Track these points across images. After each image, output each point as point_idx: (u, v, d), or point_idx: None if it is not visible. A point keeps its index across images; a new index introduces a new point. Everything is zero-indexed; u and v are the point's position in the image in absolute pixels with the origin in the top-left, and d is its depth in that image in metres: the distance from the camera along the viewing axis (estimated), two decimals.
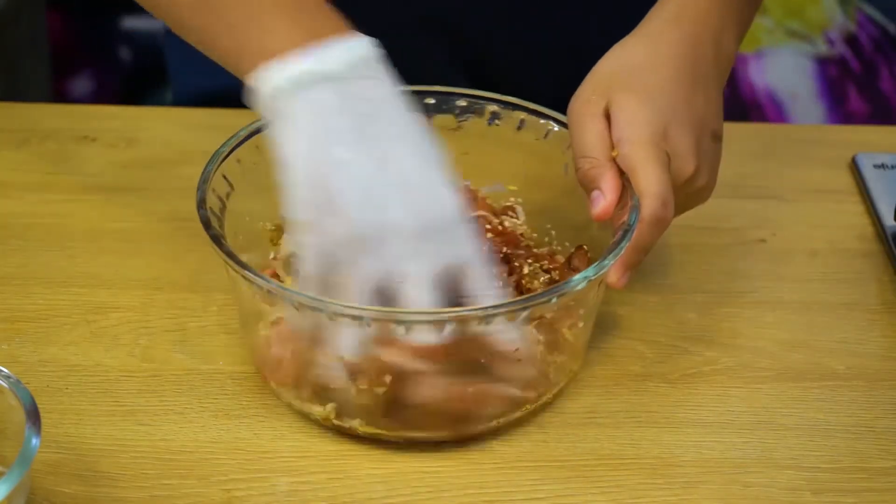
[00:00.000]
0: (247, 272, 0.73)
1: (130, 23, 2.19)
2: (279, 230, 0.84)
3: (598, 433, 0.78)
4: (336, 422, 0.76)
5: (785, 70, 2.14)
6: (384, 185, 0.72)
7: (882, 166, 1.01)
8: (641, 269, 0.90)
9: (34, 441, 0.66)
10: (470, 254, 0.73)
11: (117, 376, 0.81)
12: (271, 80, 0.73)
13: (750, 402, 0.81)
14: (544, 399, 0.79)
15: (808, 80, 2.18)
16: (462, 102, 0.88)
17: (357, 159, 0.72)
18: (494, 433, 0.77)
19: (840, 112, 2.16)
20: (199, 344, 0.84)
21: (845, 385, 0.82)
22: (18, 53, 1.92)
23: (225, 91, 1.09)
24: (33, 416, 0.67)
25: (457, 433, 0.76)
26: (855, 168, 1.02)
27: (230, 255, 0.74)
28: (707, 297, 0.89)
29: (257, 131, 0.82)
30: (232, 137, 0.83)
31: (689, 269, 0.92)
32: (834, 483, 0.75)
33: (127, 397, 0.79)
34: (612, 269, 0.77)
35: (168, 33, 1.19)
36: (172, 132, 1.05)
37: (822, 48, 2.20)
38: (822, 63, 2.19)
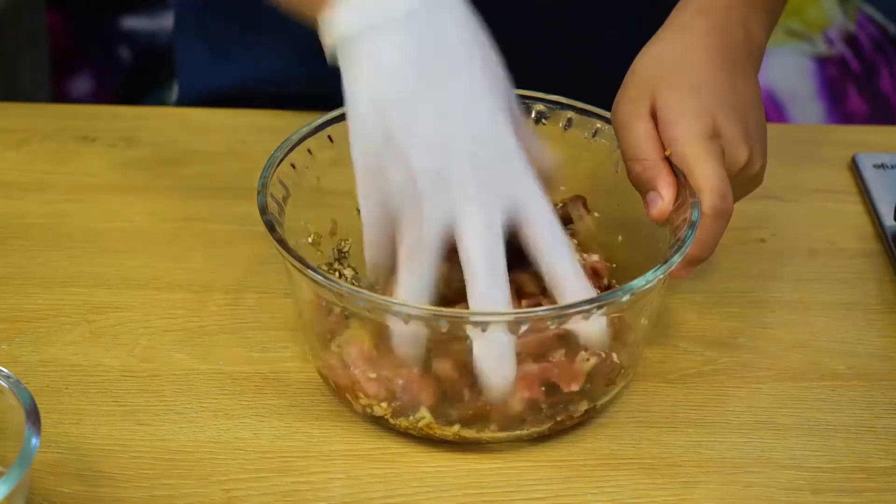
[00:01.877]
0: (317, 275, 0.72)
1: (130, 23, 2.18)
2: (317, 237, 0.84)
3: (599, 433, 0.78)
4: (437, 430, 0.76)
5: (785, 70, 2.14)
6: (446, 130, 0.71)
7: (882, 166, 1.01)
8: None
9: (34, 441, 0.66)
10: (533, 202, 0.72)
11: (117, 376, 0.81)
12: (339, 24, 0.72)
13: (750, 402, 0.81)
14: (604, 400, 0.78)
15: (807, 79, 2.18)
16: None
17: (419, 100, 0.71)
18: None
19: (840, 112, 2.16)
20: (199, 344, 0.84)
21: (845, 385, 0.82)
22: (18, 53, 1.92)
23: (231, 91, 1.10)
24: (33, 416, 0.67)
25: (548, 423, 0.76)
26: (855, 168, 1.02)
27: (299, 260, 0.73)
28: (707, 297, 0.89)
29: (308, 135, 0.83)
30: (285, 142, 0.82)
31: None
32: (834, 483, 0.75)
33: (127, 397, 0.79)
34: (678, 265, 0.76)
35: (176, 32, 1.20)
36: (172, 132, 1.05)
37: (822, 48, 2.20)
38: (822, 63, 2.19)
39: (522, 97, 0.86)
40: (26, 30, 1.95)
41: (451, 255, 0.72)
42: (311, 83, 0.89)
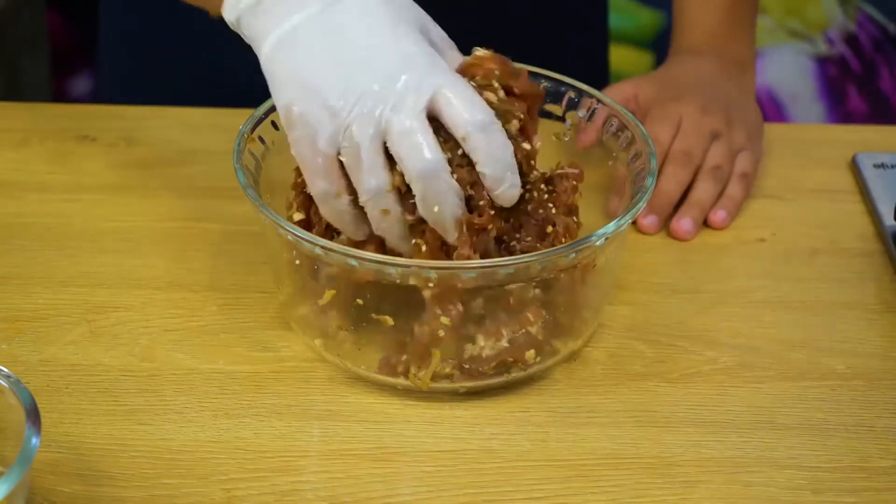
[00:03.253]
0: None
1: None
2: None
3: (598, 433, 0.78)
4: (434, 384, 0.78)
5: (785, 70, 2.14)
6: (352, 62, 0.74)
7: (882, 166, 1.01)
8: (642, 268, 0.91)
9: (34, 441, 0.66)
10: (446, 81, 0.74)
11: (117, 376, 0.81)
12: (236, 6, 0.76)
13: (750, 402, 0.81)
14: (570, 348, 0.81)
15: (808, 79, 2.18)
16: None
17: (323, 46, 0.74)
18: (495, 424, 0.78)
19: (840, 112, 2.16)
20: (199, 344, 0.84)
21: (845, 385, 0.82)
22: (18, 53, 1.92)
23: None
24: (33, 415, 0.67)
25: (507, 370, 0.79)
26: (855, 168, 1.02)
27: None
28: (707, 297, 0.89)
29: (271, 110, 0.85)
30: (248, 119, 0.84)
31: (689, 268, 0.92)
32: (834, 482, 0.75)
33: (127, 397, 0.79)
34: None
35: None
36: (172, 132, 1.05)
37: (822, 48, 2.20)
38: (822, 63, 2.19)
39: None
40: (26, 30, 1.96)
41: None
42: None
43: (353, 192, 0.76)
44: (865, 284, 0.91)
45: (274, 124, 0.85)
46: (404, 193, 0.75)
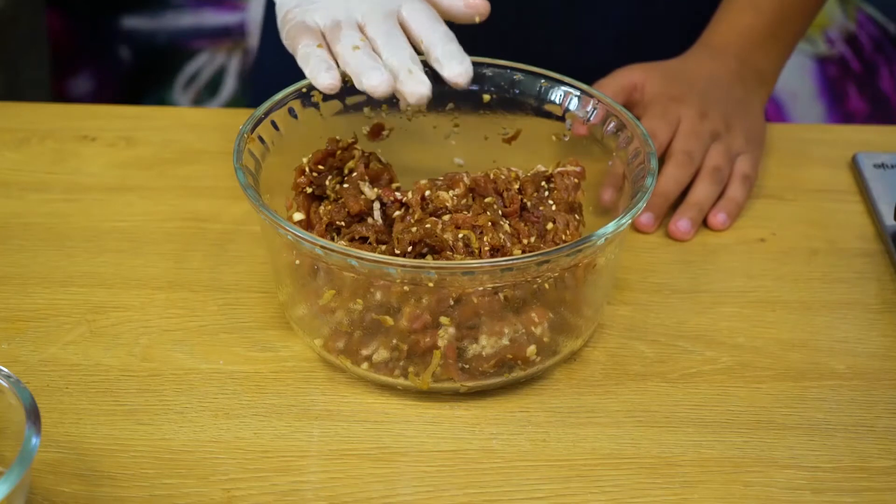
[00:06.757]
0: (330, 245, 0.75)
1: (130, 23, 2.19)
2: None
3: (598, 433, 0.78)
4: (434, 385, 0.78)
5: (785, 70, 2.14)
6: None
7: (882, 166, 1.01)
8: (641, 268, 0.91)
9: (34, 440, 0.66)
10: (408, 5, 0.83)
11: (117, 376, 0.81)
12: None
13: (750, 402, 0.81)
14: (570, 348, 0.81)
15: (808, 79, 2.18)
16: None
17: None
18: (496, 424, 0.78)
19: (840, 112, 2.16)
20: (199, 344, 0.84)
21: (845, 385, 0.82)
22: (18, 53, 1.92)
23: None
24: (33, 415, 0.67)
25: (510, 370, 0.79)
26: (855, 168, 1.02)
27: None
28: (707, 297, 0.89)
29: (270, 111, 0.86)
30: (248, 119, 0.84)
31: (689, 268, 0.92)
32: (834, 482, 0.75)
33: (127, 397, 0.79)
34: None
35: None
36: (172, 132, 1.05)
37: (822, 48, 2.20)
38: (822, 62, 2.19)
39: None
40: (26, 30, 1.95)
41: None
42: None
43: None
44: (865, 284, 0.91)
45: (274, 124, 0.85)
46: None
